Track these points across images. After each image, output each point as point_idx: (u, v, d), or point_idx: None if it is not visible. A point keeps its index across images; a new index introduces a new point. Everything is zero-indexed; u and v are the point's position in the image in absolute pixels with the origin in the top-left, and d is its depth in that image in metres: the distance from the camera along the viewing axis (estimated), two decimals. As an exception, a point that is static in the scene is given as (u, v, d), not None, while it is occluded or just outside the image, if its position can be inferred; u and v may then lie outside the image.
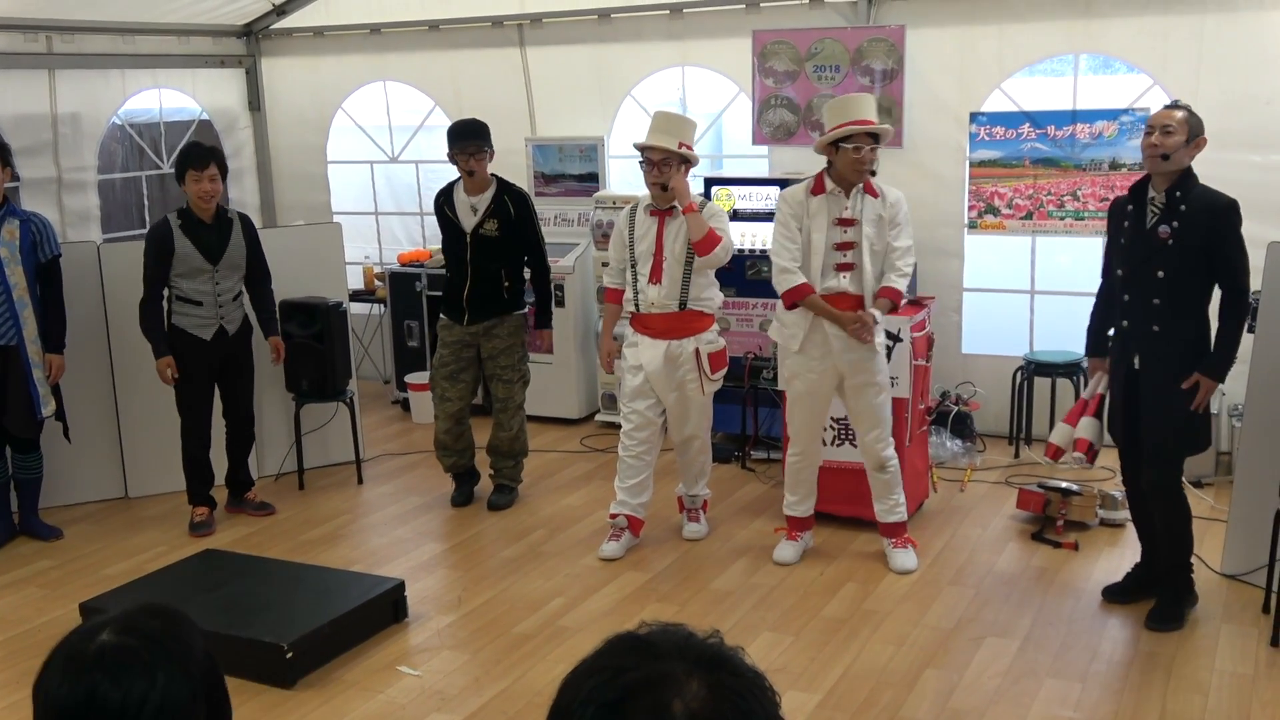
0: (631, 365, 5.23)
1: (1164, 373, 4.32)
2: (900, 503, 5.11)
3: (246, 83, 8.72)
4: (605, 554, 5.26)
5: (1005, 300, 6.93)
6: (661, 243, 5.11)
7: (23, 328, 5.43)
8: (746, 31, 6.93)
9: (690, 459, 5.41)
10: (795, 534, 5.23)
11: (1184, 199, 4.23)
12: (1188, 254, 4.22)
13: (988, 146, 6.52)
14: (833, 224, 4.82)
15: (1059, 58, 6.56)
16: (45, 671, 1.52)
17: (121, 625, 1.54)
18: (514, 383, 5.81)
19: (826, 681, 4.13)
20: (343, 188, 8.85)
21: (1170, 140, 4.20)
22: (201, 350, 5.64)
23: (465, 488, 6.04)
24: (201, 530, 5.72)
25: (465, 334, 5.75)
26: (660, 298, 5.11)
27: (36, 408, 5.49)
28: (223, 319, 5.65)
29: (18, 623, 4.83)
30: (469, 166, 5.59)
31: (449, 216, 5.72)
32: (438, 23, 7.97)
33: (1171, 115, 4.26)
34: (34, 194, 7.19)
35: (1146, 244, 4.28)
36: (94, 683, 1.47)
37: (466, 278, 5.69)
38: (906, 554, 5.09)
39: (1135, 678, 4.10)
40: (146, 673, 1.49)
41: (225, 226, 5.63)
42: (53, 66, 7.30)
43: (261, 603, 4.57)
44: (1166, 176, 4.25)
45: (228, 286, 5.64)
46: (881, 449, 5.01)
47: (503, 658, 4.39)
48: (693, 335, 5.14)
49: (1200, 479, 5.85)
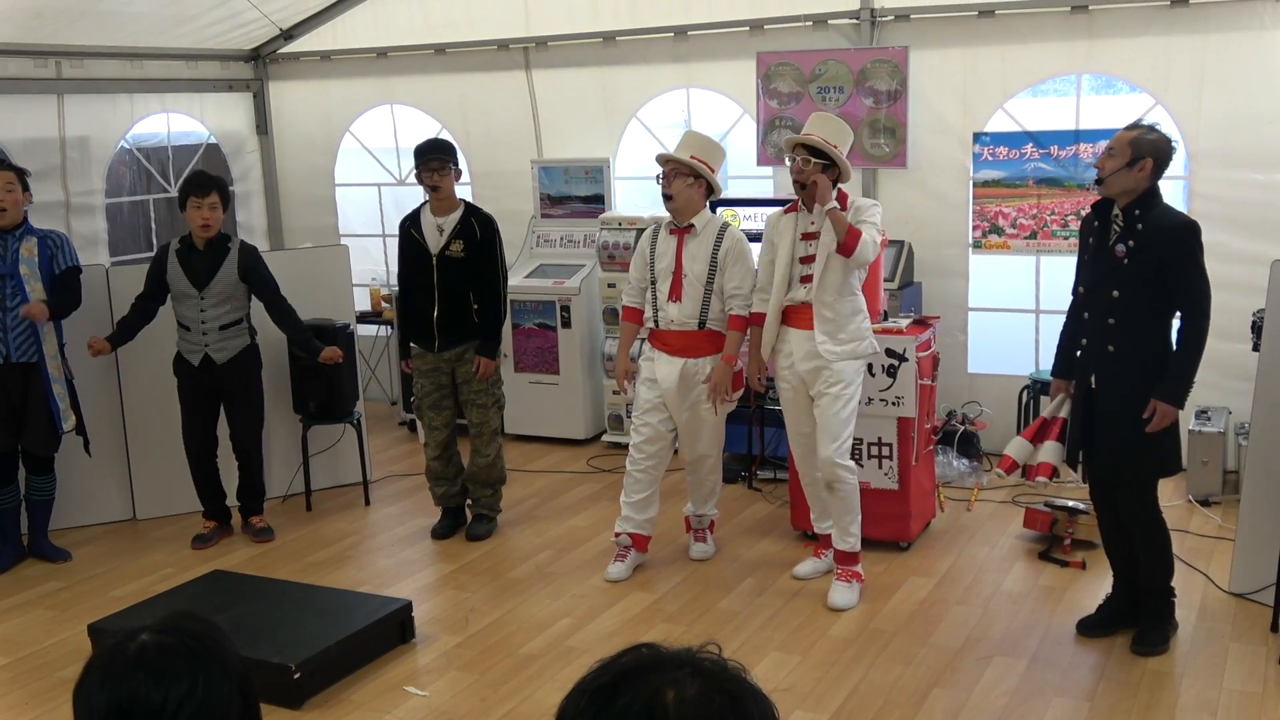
0: (646, 378, 5.25)
1: (1118, 394, 4.24)
2: (851, 531, 4.94)
3: (254, 106, 8.79)
4: (611, 576, 5.27)
5: (1010, 320, 6.94)
6: (681, 261, 5.14)
7: (43, 343, 5.46)
8: (751, 53, 6.98)
9: (701, 478, 5.42)
10: (821, 551, 5.27)
11: (1142, 218, 4.14)
12: (1143, 274, 4.14)
13: (991, 167, 6.56)
14: (799, 238, 4.88)
15: (1061, 78, 6.60)
16: (86, 676, 1.53)
17: (161, 627, 1.56)
18: (488, 407, 5.79)
19: (834, 701, 4.13)
20: (350, 210, 8.90)
21: (1109, 163, 4.14)
22: (192, 374, 5.69)
23: (448, 521, 5.98)
24: (199, 542, 5.79)
25: (438, 361, 5.72)
26: (680, 315, 5.14)
27: (58, 424, 5.52)
28: (208, 346, 5.63)
29: (27, 644, 4.85)
30: (433, 182, 5.56)
31: (415, 238, 5.70)
32: (444, 46, 8.04)
33: (1119, 137, 4.18)
34: (42, 218, 7.17)
35: (1104, 262, 4.23)
36: (135, 683, 1.48)
37: (434, 302, 5.66)
38: (848, 589, 4.92)
39: (1144, 696, 4.10)
40: (187, 673, 1.50)
41: (219, 255, 5.63)
42: (61, 91, 7.38)
43: (269, 624, 4.58)
44: (1126, 195, 4.16)
45: (215, 314, 5.62)
46: (829, 463, 4.87)
47: (510, 678, 4.40)
48: (710, 355, 5.16)
49: (1207, 498, 5.86)
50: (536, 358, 7.39)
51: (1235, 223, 6.07)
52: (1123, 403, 4.24)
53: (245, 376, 5.79)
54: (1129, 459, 4.29)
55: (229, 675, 1.54)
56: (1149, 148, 4.14)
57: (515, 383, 7.36)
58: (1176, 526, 5.54)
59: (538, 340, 7.36)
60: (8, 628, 5.03)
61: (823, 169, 4.78)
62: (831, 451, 4.87)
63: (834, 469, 4.89)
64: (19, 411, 5.50)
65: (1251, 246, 6.02)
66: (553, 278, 7.42)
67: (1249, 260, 5.97)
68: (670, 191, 5.08)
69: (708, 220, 5.18)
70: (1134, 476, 4.34)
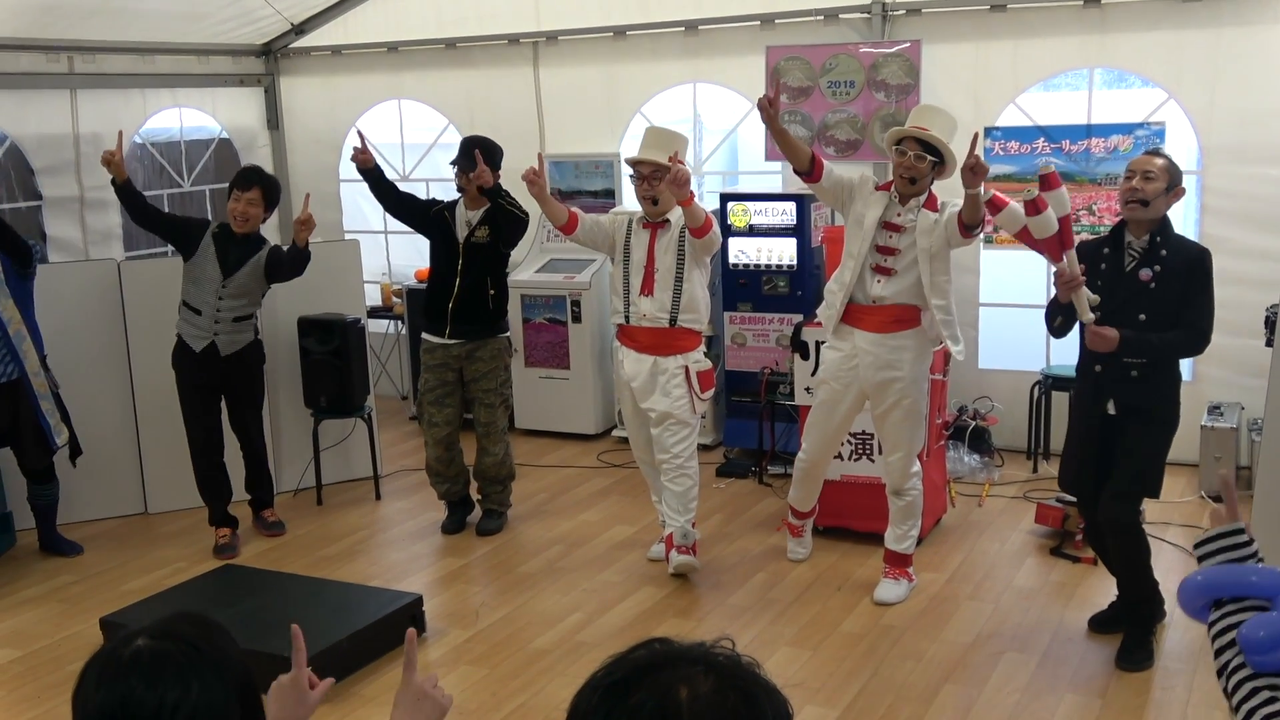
0: (622, 382, 5.25)
1: (1139, 420, 4.27)
2: (911, 535, 4.98)
3: (265, 101, 8.80)
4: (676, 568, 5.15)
5: (1022, 315, 6.89)
6: (653, 255, 5.10)
7: (23, 361, 5.38)
8: (760, 48, 6.95)
9: (669, 482, 5.16)
10: (798, 529, 5.31)
11: (1164, 244, 4.19)
12: (1169, 297, 4.17)
13: (1003, 161, 6.52)
14: (880, 225, 4.71)
15: (1073, 72, 6.57)
16: (83, 678, 1.54)
17: (157, 632, 1.56)
18: (496, 407, 5.79)
19: (845, 696, 4.13)
20: (354, 206, 8.88)
21: (1150, 186, 4.14)
22: (193, 361, 5.61)
23: (457, 515, 6.00)
24: (226, 554, 5.68)
25: (447, 356, 5.73)
26: (652, 309, 5.07)
27: (50, 439, 5.50)
28: (216, 335, 5.57)
29: (39, 637, 4.87)
30: (463, 184, 5.62)
31: (448, 224, 5.73)
32: (455, 40, 8.05)
33: (1152, 161, 4.21)
34: (57, 213, 7.29)
35: (1127, 287, 4.21)
36: (129, 687, 1.48)
37: (454, 288, 5.68)
38: (896, 585, 4.96)
39: (1156, 694, 4.09)
40: (181, 678, 1.50)
41: (251, 250, 5.60)
42: (74, 86, 7.40)
43: (280, 618, 4.57)
44: (1145, 223, 4.20)
45: (230, 306, 5.58)
46: (898, 474, 4.91)
47: (520, 672, 4.40)
48: (680, 354, 5.09)
49: (1219, 493, 5.82)
50: (547, 352, 7.39)
51: (1248, 218, 6.06)
52: (1143, 424, 4.28)
53: (250, 370, 5.77)
54: (1138, 475, 4.32)
55: (225, 680, 1.54)
56: (1179, 176, 4.23)
57: (525, 377, 7.38)
58: (1188, 522, 5.57)
59: (548, 335, 7.37)
60: (20, 621, 5.05)
61: (932, 166, 4.65)
62: (902, 463, 4.90)
63: (905, 481, 4.92)
64: (8, 433, 5.48)
65: (1264, 242, 6.00)
66: (563, 272, 7.42)
67: (1262, 256, 5.97)
68: (655, 195, 5.01)
69: (679, 214, 5.06)
70: (1137, 492, 4.35)
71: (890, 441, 4.90)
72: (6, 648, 4.79)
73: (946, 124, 4.68)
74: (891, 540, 4.99)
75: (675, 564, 5.11)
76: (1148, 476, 4.33)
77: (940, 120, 4.69)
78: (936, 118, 4.70)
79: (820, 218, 6.72)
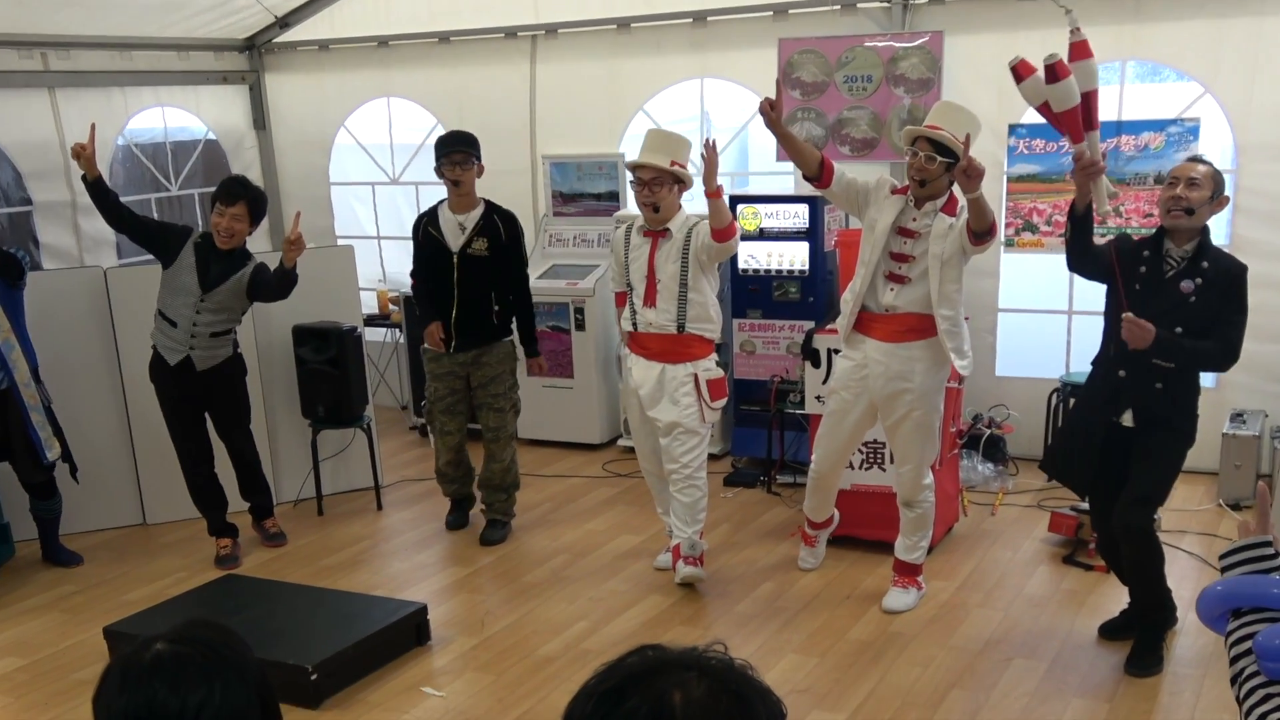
0: (629, 390, 5.55)
1: (1158, 435, 4.53)
2: (921, 545, 5.33)
3: (250, 100, 9.05)
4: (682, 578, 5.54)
5: (1042, 321, 7.18)
6: (654, 266, 5.30)
7: (13, 371, 5.71)
8: (772, 41, 7.13)
9: (676, 493, 5.48)
10: (812, 539, 5.70)
11: (1205, 255, 4.38)
12: (1208, 311, 4.36)
13: (1027, 160, 6.76)
14: (894, 230, 4.91)
15: (1104, 65, 6.60)
16: (103, 683, 1.66)
17: (175, 636, 1.69)
18: (505, 411, 6.15)
19: (851, 702, 4.51)
20: (346, 210, 9.16)
21: (1195, 194, 4.31)
22: (170, 375, 5.85)
23: (461, 513, 6.54)
24: (228, 564, 6.05)
25: (454, 365, 6.07)
26: (658, 319, 5.30)
27: (40, 453, 5.85)
28: (192, 349, 5.78)
29: (44, 646, 5.33)
30: (454, 176, 5.84)
31: (433, 236, 5.97)
32: (448, 34, 8.26)
33: (1195, 168, 4.37)
34: (50, 218, 7.60)
35: (1167, 297, 4.39)
36: (152, 690, 1.61)
37: (453, 302, 5.95)
38: (905, 594, 5.31)
39: (1164, 699, 4.46)
40: (203, 680, 1.63)
41: (235, 266, 5.78)
42: (51, 85, 7.66)
43: (284, 626, 5.01)
44: (1187, 232, 4.38)
45: (207, 321, 5.77)
46: (909, 486, 5.21)
47: (526, 680, 4.81)
48: (690, 361, 5.33)
49: (1238, 501, 6.23)
50: (550, 361, 7.58)
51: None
52: (1163, 433, 4.55)
53: (231, 384, 6.01)
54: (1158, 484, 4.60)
55: (246, 681, 1.66)
56: (1223, 182, 4.42)
57: (529, 386, 7.61)
58: (1205, 530, 5.96)
59: (551, 343, 7.60)
60: (24, 630, 5.51)
61: (947, 168, 4.78)
62: (913, 475, 5.19)
63: (917, 493, 5.25)
64: (1, 445, 5.85)
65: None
66: (566, 278, 7.70)
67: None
68: (656, 201, 5.21)
69: (681, 221, 5.30)
70: (1154, 501, 4.65)
71: (901, 453, 5.22)
72: (11, 656, 5.23)
73: (968, 122, 4.79)
74: (901, 550, 5.38)
75: (681, 575, 5.52)
76: (1164, 485, 4.62)
77: (961, 118, 4.80)
78: (957, 115, 4.82)
79: (834, 221, 6.95)
